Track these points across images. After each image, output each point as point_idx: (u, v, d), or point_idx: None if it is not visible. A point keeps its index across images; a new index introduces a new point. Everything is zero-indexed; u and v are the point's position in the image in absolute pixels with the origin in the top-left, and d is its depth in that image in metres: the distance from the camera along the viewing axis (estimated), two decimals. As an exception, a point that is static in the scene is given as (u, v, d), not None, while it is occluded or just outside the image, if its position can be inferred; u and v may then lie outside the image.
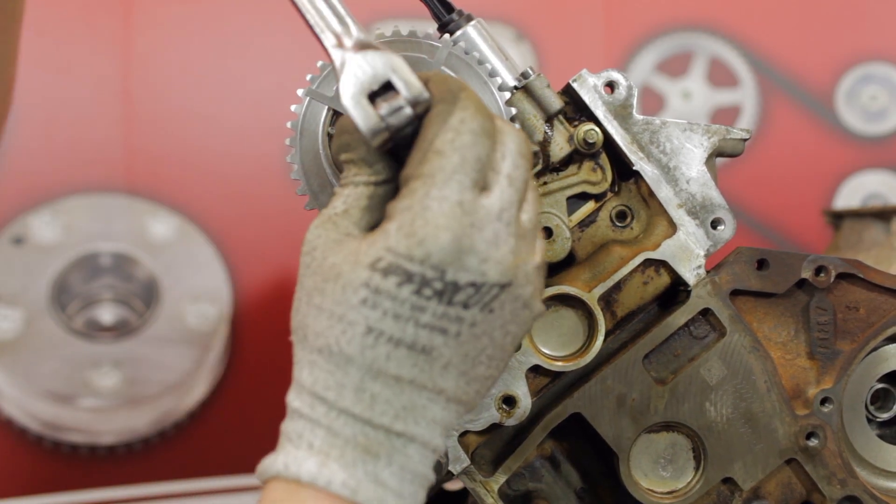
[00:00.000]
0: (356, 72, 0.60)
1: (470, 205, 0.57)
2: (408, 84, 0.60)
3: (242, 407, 1.67)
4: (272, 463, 0.58)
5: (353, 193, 0.61)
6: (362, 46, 0.61)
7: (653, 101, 1.81)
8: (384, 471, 0.58)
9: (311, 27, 0.63)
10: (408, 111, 0.60)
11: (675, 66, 1.81)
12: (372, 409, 0.58)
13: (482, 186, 0.59)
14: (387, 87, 0.60)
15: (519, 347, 0.75)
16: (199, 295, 1.70)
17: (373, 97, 0.60)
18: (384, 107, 0.60)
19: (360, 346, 0.57)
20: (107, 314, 1.69)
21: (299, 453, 0.58)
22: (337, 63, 0.61)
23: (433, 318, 0.57)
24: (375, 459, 0.58)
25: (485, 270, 0.58)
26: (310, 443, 0.58)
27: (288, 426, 0.59)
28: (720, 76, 1.82)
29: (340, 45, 0.61)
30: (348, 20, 0.62)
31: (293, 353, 0.60)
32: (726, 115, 1.82)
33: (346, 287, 0.58)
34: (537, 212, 0.62)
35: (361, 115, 0.59)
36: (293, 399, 0.59)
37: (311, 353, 0.59)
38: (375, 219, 0.61)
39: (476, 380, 0.60)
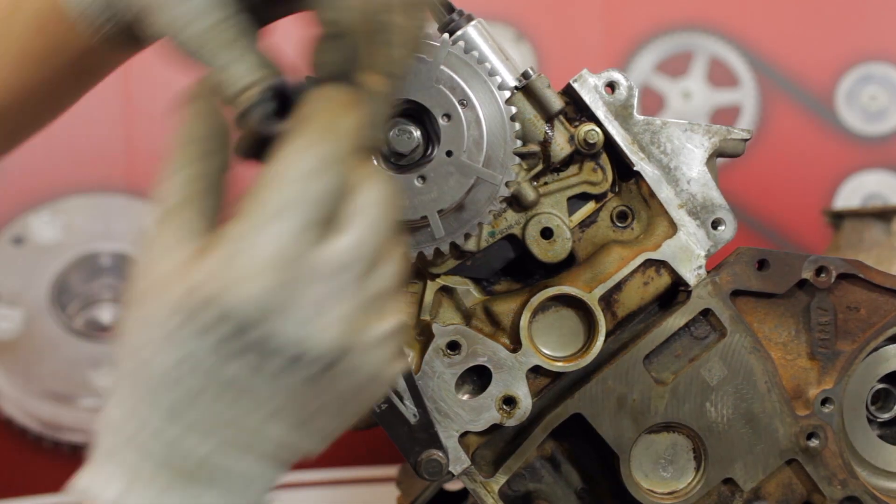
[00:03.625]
0: None
1: (292, 257, 0.49)
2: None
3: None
4: (76, 482, 0.54)
5: (185, 176, 0.55)
6: None
7: (653, 101, 1.81)
8: (205, 494, 0.52)
9: None
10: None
11: (675, 66, 1.81)
12: (185, 439, 0.51)
13: (325, 231, 0.50)
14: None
15: (520, 348, 0.74)
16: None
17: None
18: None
19: (164, 380, 0.50)
20: (107, 314, 1.69)
21: (104, 471, 0.53)
22: None
23: (238, 372, 0.50)
24: (195, 482, 0.52)
25: (302, 338, 0.49)
26: (121, 460, 0.52)
27: (99, 436, 0.54)
28: (720, 76, 1.82)
29: None
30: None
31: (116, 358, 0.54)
32: (726, 115, 1.82)
33: (162, 308, 0.50)
34: (396, 276, 0.53)
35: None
36: (112, 406, 0.53)
37: (125, 371, 0.52)
38: (217, 201, 0.54)
39: (314, 433, 0.53)
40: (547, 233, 0.76)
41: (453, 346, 0.75)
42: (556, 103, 0.76)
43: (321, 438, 0.54)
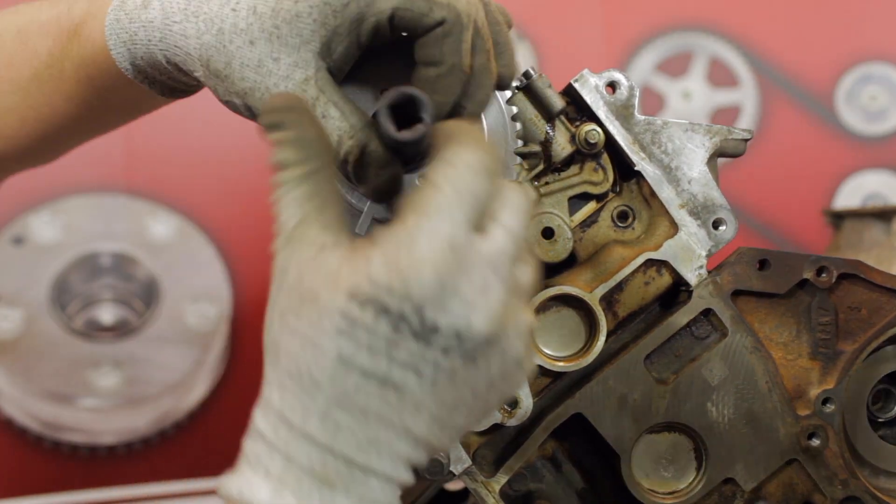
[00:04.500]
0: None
1: (461, 245, 0.54)
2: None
3: (242, 407, 1.67)
4: (228, 485, 0.56)
5: (296, 198, 0.57)
6: None
7: (653, 101, 1.81)
8: (342, 500, 0.55)
9: None
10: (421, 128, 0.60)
11: (675, 66, 1.81)
12: (335, 437, 0.55)
13: (478, 230, 0.55)
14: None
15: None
16: (199, 295, 1.70)
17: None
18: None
19: (331, 374, 0.54)
20: (107, 314, 1.69)
21: (255, 479, 0.55)
22: None
23: (408, 356, 0.54)
24: (332, 489, 0.55)
25: (469, 317, 0.54)
26: (266, 468, 0.55)
27: (249, 446, 0.57)
28: (720, 76, 1.82)
29: None
30: None
31: (264, 370, 0.58)
32: (726, 115, 1.82)
33: (321, 313, 0.54)
34: (533, 276, 0.58)
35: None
36: (259, 418, 0.57)
37: (282, 375, 0.56)
38: (336, 212, 0.57)
39: (451, 428, 0.57)
40: (548, 233, 0.76)
41: (454, 346, 0.75)
42: (557, 103, 0.76)
43: (452, 436, 0.57)
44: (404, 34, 0.63)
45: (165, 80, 0.73)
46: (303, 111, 0.59)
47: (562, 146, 0.76)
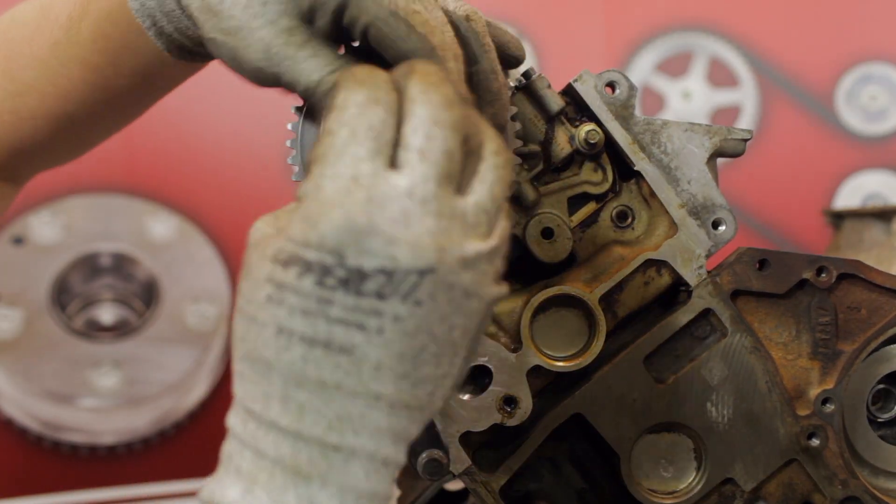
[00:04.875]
0: None
1: (367, 179, 0.50)
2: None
3: (242, 407, 1.67)
4: (203, 490, 0.53)
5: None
6: None
7: (653, 101, 1.81)
8: (320, 493, 0.51)
9: None
10: None
11: (675, 66, 1.81)
12: (301, 420, 0.51)
13: (389, 163, 0.52)
14: None
15: (521, 348, 0.74)
16: (199, 295, 1.70)
17: None
18: None
19: (276, 350, 0.51)
20: (107, 314, 1.69)
21: (227, 479, 0.52)
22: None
23: (344, 311, 0.50)
24: (308, 481, 0.51)
25: (393, 253, 0.50)
26: (238, 466, 0.52)
27: (224, 446, 0.54)
28: (720, 76, 1.82)
29: None
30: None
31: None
32: (726, 115, 1.82)
33: (254, 285, 0.52)
34: (494, 194, 0.54)
35: None
36: (230, 416, 0.54)
37: (239, 362, 0.53)
38: None
39: (424, 381, 0.52)
40: (547, 233, 0.76)
41: (454, 346, 0.75)
42: (557, 103, 0.76)
43: (430, 390, 0.53)
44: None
45: (172, 32, 0.73)
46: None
47: (561, 146, 0.76)
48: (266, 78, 0.63)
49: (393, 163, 0.52)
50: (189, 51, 0.75)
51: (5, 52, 0.83)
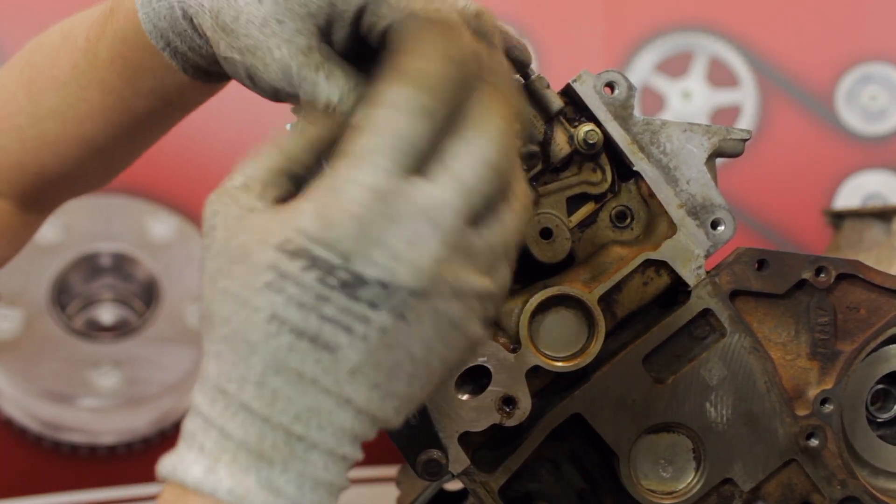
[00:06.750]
0: None
1: (388, 193, 0.50)
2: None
3: (242, 407, 1.67)
4: (163, 463, 0.54)
5: (253, 167, 0.57)
6: None
7: (653, 101, 1.81)
8: (280, 477, 0.52)
9: None
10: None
11: (675, 66, 1.81)
12: (272, 406, 0.52)
13: (418, 168, 0.52)
14: None
15: (520, 348, 0.74)
16: (199, 295, 1.69)
17: None
18: None
19: (264, 334, 0.52)
20: (107, 314, 1.69)
21: (189, 455, 0.53)
22: None
23: (336, 311, 0.51)
24: (270, 465, 0.52)
25: (394, 269, 0.51)
26: (201, 444, 0.53)
27: (186, 423, 0.55)
28: (720, 76, 1.82)
29: None
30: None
31: (203, 345, 0.56)
32: (726, 115, 1.82)
33: (252, 269, 0.52)
34: (506, 240, 0.54)
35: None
36: (196, 393, 0.55)
37: (217, 343, 0.54)
38: (279, 193, 0.56)
39: (393, 396, 0.53)
40: (546, 233, 0.76)
41: (453, 347, 0.75)
42: (556, 103, 0.76)
43: (396, 406, 0.54)
44: None
45: (186, 51, 0.73)
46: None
47: (560, 146, 0.76)
48: (284, 97, 0.64)
49: (421, 167, 0.52)
50: (205, 70, 0.75)
51: (29, 75, 0.84)
